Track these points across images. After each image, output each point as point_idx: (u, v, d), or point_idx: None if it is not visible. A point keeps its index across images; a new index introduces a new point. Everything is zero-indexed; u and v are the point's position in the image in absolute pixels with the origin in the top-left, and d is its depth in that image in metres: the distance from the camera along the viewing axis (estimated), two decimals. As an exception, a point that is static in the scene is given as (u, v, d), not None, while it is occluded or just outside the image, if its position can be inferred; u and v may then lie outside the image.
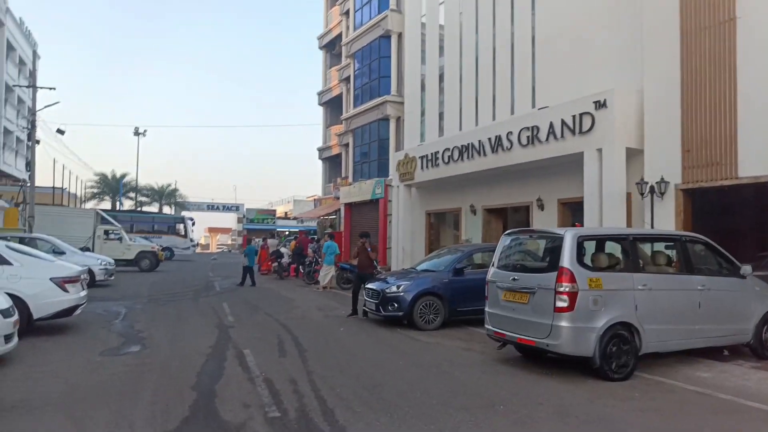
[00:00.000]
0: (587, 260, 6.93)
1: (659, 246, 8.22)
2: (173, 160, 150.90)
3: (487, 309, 7.64)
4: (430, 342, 8.84)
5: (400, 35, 22.46)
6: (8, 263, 8.38)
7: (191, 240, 37.71)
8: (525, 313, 6.87)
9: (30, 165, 21.68)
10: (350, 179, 25.37)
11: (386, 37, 22.97)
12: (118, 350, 7.72)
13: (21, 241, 15.88)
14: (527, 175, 14.49)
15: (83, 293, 9.17)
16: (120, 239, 23.71)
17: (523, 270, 7.33)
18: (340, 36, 29.50)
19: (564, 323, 6.40)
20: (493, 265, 7.77)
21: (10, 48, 40.67)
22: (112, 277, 17.33)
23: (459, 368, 6.96)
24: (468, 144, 15.35)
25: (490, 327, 7.50)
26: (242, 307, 12.75)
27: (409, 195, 19.32)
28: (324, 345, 8.38)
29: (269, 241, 25.01)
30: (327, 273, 17.30)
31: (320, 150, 34.15)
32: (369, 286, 10.84)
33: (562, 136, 12.21)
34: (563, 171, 13.24)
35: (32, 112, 21.50)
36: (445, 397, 5.61)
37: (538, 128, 12.88)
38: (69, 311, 8.76)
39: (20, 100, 44.31)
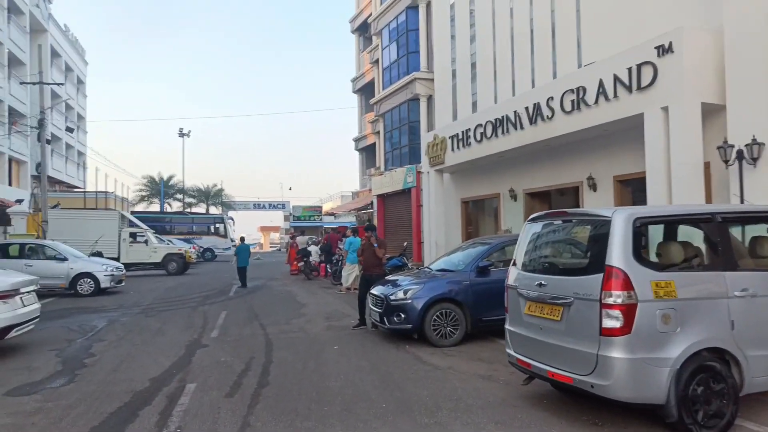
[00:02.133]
0: (651, 254, 4.65)
1: (760, 229, 5.74)
2: (218, 160, 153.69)
3: (507, 326, 5.47)
4: (440, 366, 6.72)
5: (428, 4, 20.17)
6: None
7: (232, 240, 36.82)
8: (557, 335, 4.66)
9: (41, 166, 20.93)
10: (382, 168, 23.37)
11: (414, 7, 20.76)
12: (35, 386, 6.07)
13: (21, 248, 14.95)
14: (574, 150, 12.00)
15: (21, 311, 7.63)
16: (146, 242, 22.76)
17: (554, 271, 5.10)
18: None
19: (616, 353, 4.16)
20: (514, 264, 5.58)
21: (55, 55, 41.19)
22: (122, 284, 16.14)
23: (464, 416, 4.83)
24: (502, 117, 12.99)
25: (512, 352, 5.33)
26: (239, 317, 11.04)
27: (441, 181, 17.09)
28: (297, 374, 6.44)
29: (298, 239, 23.39)
30: (350, 272, 15.39)
31: (356, 140, 32.36)
32: (373, 291, 8.83)
33: (615, 95, 9.70)
34: (619, 141, 10.73)
35: (41, 110, 20.77)
36: (422, 482, 3.53)
37: (584, 89, 10.40)
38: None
39: (68, 107, 45.10)
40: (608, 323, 4.22)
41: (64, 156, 43.25)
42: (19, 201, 22.26)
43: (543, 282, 4.90)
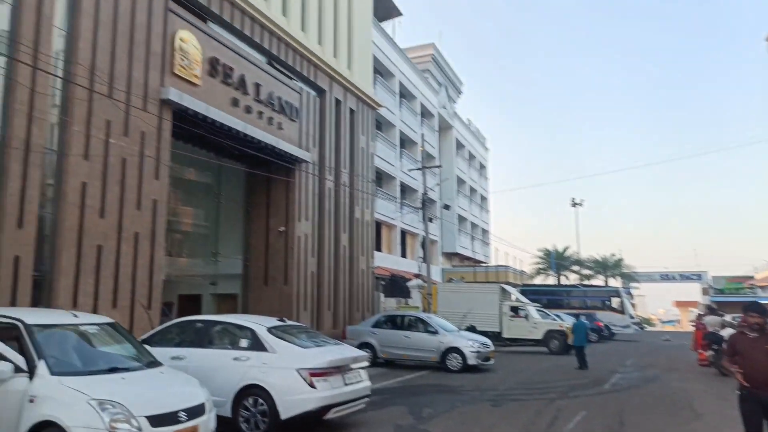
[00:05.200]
0: None
1: None
2: (616, 227, 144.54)
3: None
4: None
5: None
6: (264, 349, 7.48)
7: (631, 317, 32.46)
8: None
9: (424, 241, 22.83)
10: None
11: None
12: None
13: (403, 319, 16.07)
14: None
15: (343, 389, 7.38)
16: (526, 317, 21.84)
17: None
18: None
19: None
20: None
21: (459, 146, 47.19)
22: (489, 361, 15.34)
23: None
24: None
25: None
26: (596, 424, 8.43)
27: None
28: None
29: (706, 318, 18.03)
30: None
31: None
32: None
33: None
34: None
35: (424, 191, 23.05)
36: None
37: None
38: (316, 413, 7.07)
39: (472, 190, 50.52)
40: None
41: (470, 234, 48.03)
42: (417, 275, 25.07)
43: None
